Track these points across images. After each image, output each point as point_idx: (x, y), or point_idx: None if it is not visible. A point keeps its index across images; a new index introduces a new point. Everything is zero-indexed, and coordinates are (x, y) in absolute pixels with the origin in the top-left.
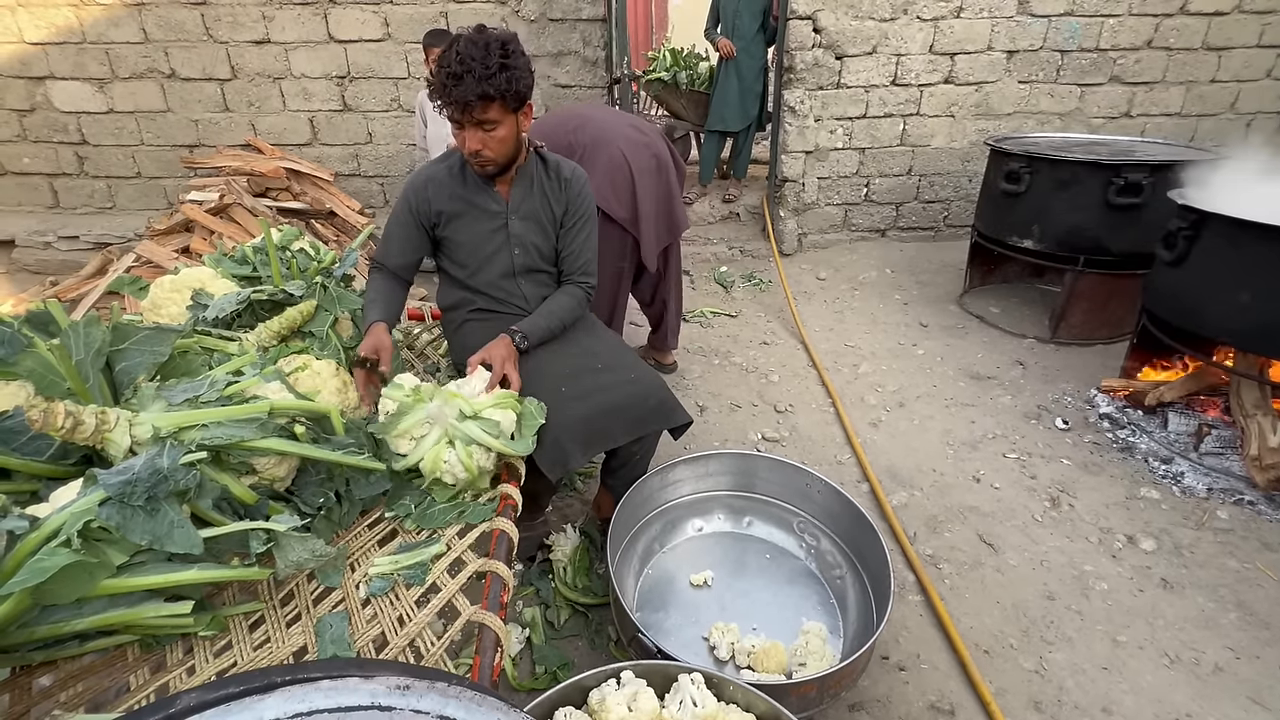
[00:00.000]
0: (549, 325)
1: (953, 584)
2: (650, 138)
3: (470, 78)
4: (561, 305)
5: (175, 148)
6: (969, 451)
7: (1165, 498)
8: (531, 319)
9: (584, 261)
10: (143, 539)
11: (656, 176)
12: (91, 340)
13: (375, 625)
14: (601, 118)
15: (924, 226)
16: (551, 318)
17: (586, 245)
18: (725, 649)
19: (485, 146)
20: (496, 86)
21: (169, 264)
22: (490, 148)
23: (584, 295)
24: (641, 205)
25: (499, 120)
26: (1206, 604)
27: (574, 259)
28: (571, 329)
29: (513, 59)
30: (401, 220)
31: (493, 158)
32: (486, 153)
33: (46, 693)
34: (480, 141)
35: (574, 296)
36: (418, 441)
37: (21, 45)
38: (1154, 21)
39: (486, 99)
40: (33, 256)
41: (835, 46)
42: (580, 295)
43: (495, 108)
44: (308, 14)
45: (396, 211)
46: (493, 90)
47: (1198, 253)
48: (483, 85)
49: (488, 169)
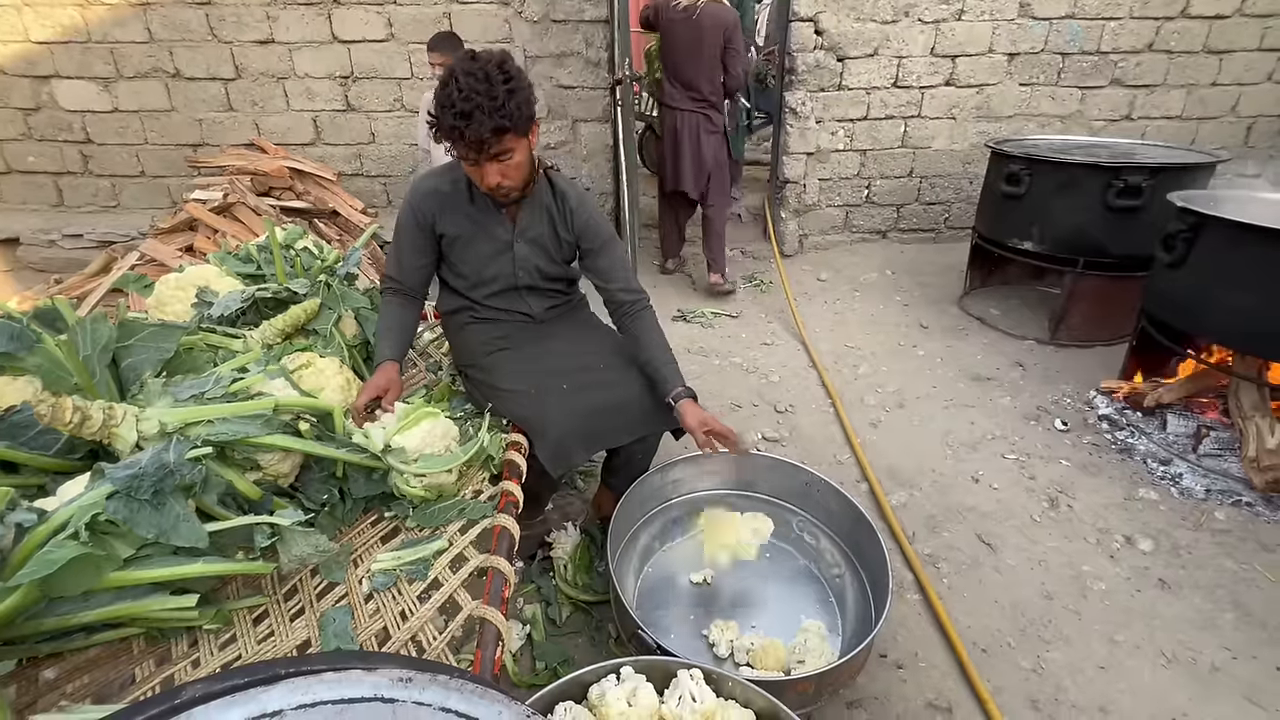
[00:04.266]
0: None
1: (951, 583)
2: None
3: (480, 114)
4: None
5: (179, 147)
6: (968, 452)
7: (1163, 499)
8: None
9: (625, 277)
10: (149, 532)
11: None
12: (99, 336)
13: (378, 620)
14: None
15: (925, 228)
16: (667, 353)
17: (618, 262)
18: (724, 646)
19: (505, 177)
20: (509, 117)
21: (173, 262)
22: (510, 177)
23: (648, 308)
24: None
25: (513, 149)
26: (1204, 604)
27: (614, 281)
28: (573, 329)
29: (515, 81)
30: (409, 231)
31: (514, 185)
32: (507, 183)
33: (53, 684)
34: (499, 174)
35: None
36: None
37: (27, 44)
38: (1155, 24)
39: (501, 132)
40: (37, 255)
41: (837, 48)
42: (649, 313)
43: (509, 138)
44: (311, 14)
45: (402, 222)
46: (507, 123)
47: (1197, 255)
48: (495, 119)
49: (511, 196)
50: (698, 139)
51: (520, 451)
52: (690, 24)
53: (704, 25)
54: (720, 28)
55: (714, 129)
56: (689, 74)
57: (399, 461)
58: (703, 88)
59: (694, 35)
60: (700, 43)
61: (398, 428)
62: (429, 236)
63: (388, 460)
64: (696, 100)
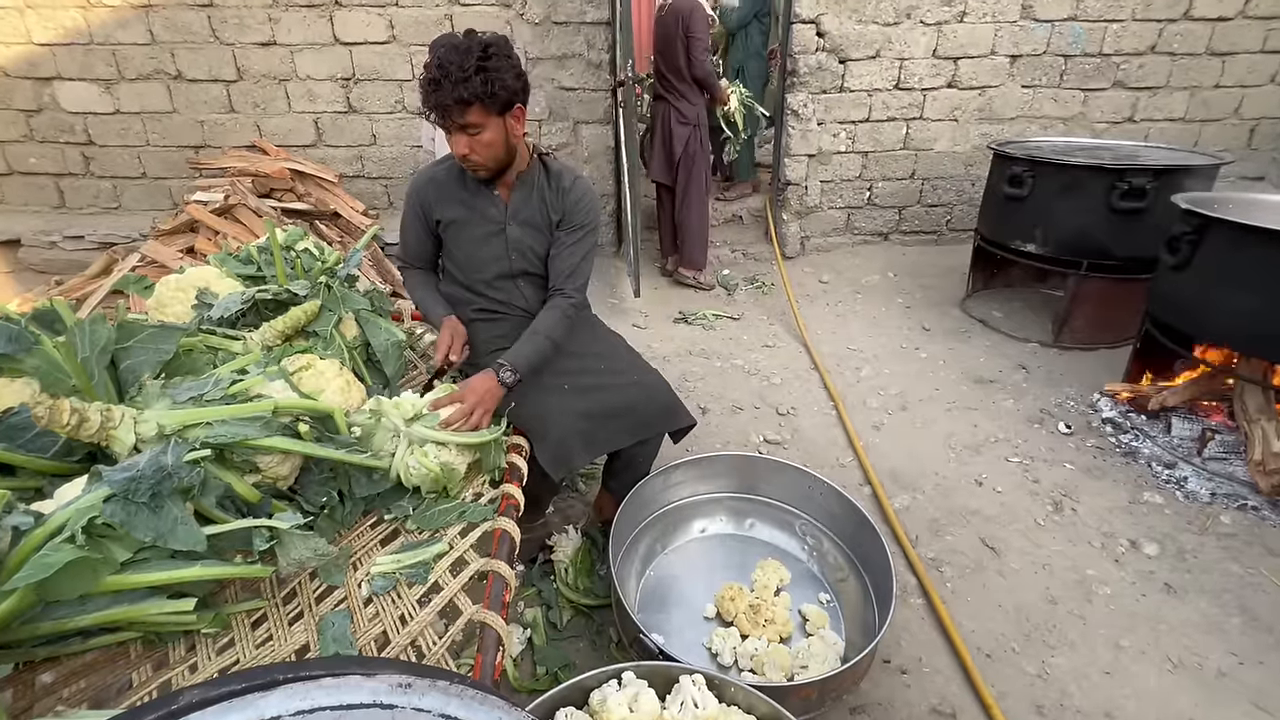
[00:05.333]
0: (538, 348)
1: (955, 587)
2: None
3: (447, 82)
4: (546, 323)
5: (181, 148)
6: (971, 455)
7: (1168, 502)
8: (518, 346)
9: (572, 273)
10: (147, 536)
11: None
12: (97, 338)
13: (377, 624)
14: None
15: (927, 230)
16: (537, 338)
17: (576, 256)
18: (727, 652)
19: (472, 151)
20: (472, 90)
21: (174, 264)
22: (477, 151)
23: (569, 307)
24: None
25: (482, 124)
26: (1210, 609)
27: (561, 269)
28: (574, 333)
29: (493, 61)
30: (411, 221)
31: (481, 162)
32: (474, 157)
33: (49, 689)
34: (467, 146)
35: (559, 310)
36: (393, 456)
37: (30, 46)
38: (1158, 27)
39: (463, 103)
40: (38, 256)
41: (839, 50)
42: (565, 307)
43: (475, 111)
44: (313, 16)
45: (405, 213)
46: (468, 94)
47: (1201, 258)
48: (458, 89)
49: (479, 173)
50: (669, 129)
51: (521, 454)
52: (661, 18)
53: (668, 19)
54: (678, 18)
55: (684, 120)
56: (662, 66)
57: (426, 427)
58: (671, 78)
59: (665, 28)
60: (669, 34)
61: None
62: (427, 224)
63: (412, 429)
64: (668, 89)
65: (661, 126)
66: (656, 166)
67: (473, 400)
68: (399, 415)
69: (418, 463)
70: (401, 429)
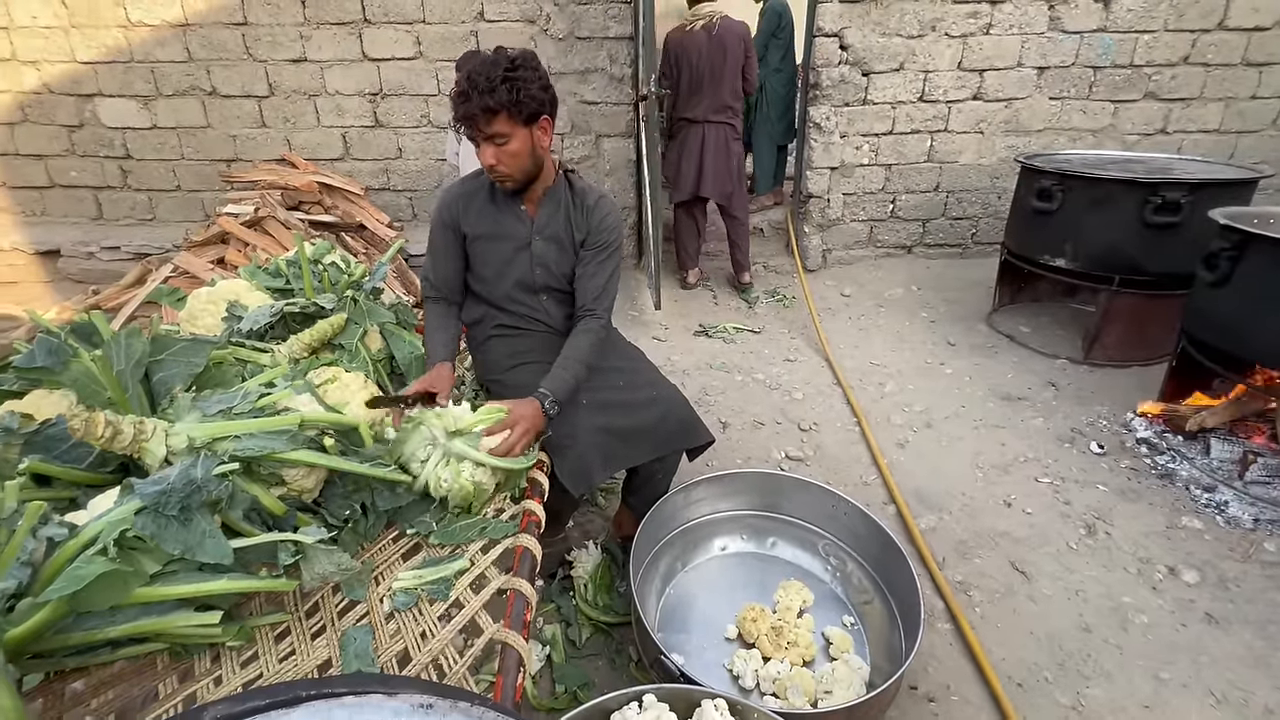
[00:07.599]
0: (575, 374)
1: (984, 612)
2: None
3: (475, 93)
4: (581, 349)
5: (214, 162)
6: (999, 475)
7: (1208, 528)
8: (556, 374)
9: (600, 294)
10: (176, 548)
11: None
12: (132, 351)
13: (399, 640)
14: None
15: (951, 243)
16: (573, 365)
17: (603, 276)
18: (749, 674)
19: (499, 161)
20: (499, 99)
21: (205, 275)
22: (504, 162)
23: (600, 329)
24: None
25: (508, 134)
26: (1255, 641)
27: (590, 289)
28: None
29: (520, 73)
30: (439, 234)
31: (507, 172)
32: (501, 167)
33: (78, 698)
34: (494, 156)
35: (592, 333)
36: (424, 464)
37: (73, 64)
38: (1191, 37)
39: (490, 112)
40: (76, 266)
41: (862, 63)
42: (597, 329)
43: (501, 121)
44: (343, 33)
45: (434, 227)
46: (494, 103)
47: (1241, 274)
48: (485, 99)
49: (505, 184)
50: (726, 148)
51: (541, 469)
52: (712, 40)
53: (726, 40)
54: (740, 39)
55: (738, 137)
56: (713, 87)
57: (469, 445)
58: (727, 99)
59: (717, 50)
60: (724, 57)
61: (480, 418)
62: (456, 238)
63: (453, 444)
64: (721, 111)
65: (718, 147)
66: (708, 183)
67: (520, 430)
68: (440, 426)
69: (451, 476)
70: (441, 440)
